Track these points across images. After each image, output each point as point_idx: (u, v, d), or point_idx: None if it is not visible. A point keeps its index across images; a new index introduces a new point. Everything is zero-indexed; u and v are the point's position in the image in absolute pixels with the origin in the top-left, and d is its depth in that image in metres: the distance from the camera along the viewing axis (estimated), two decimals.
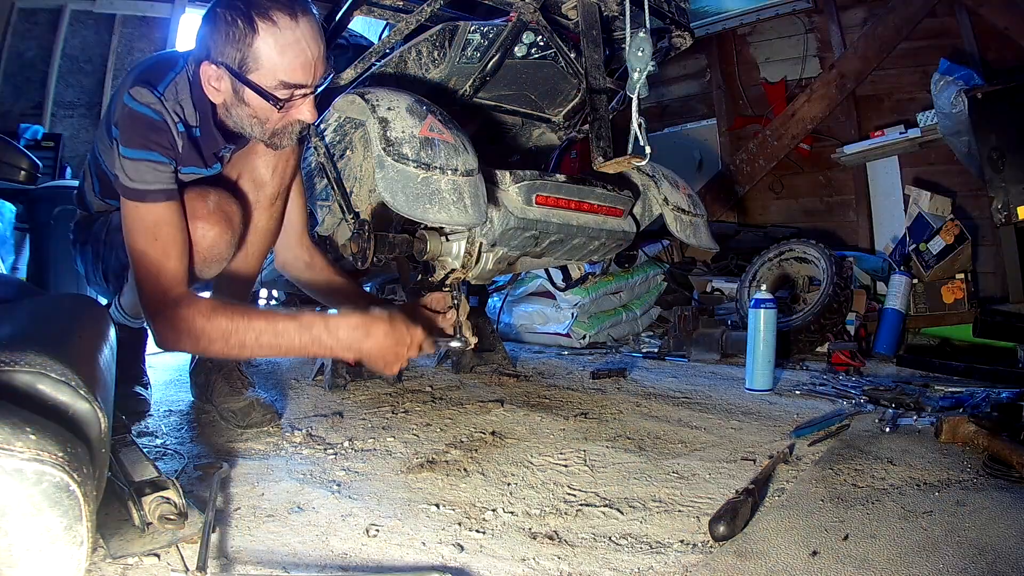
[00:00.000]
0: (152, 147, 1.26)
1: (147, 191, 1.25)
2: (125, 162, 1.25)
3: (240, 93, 1.27)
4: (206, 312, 1.23)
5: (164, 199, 1.27)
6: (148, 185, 1.25)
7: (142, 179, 1.25)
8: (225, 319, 1.23)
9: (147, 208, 1.26)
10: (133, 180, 1.25)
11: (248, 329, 1.24)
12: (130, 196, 1.26)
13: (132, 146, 1.25)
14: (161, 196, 1.27)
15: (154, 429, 1.59)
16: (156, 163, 1.26)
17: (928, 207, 3.23)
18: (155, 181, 1.26)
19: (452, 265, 1.71)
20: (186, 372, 1.91)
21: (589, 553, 1.00)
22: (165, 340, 1.26)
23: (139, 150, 1.25)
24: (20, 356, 0.83)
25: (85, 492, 0.74)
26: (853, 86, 3.77)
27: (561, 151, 2.30)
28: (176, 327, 1.23)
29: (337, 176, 1.72)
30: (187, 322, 1.22)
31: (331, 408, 1.77)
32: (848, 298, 2.71)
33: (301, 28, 1.22)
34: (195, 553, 0.91)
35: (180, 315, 1.22)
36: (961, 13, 3.40)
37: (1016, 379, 2.10)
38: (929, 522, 1.07)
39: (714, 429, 1.63)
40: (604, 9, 1.80)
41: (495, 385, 2.10)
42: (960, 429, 1.45)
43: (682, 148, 4.67)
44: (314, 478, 1.28)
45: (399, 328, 1.31)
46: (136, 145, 1.25)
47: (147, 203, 1.26)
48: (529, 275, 2.98)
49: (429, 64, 1.76)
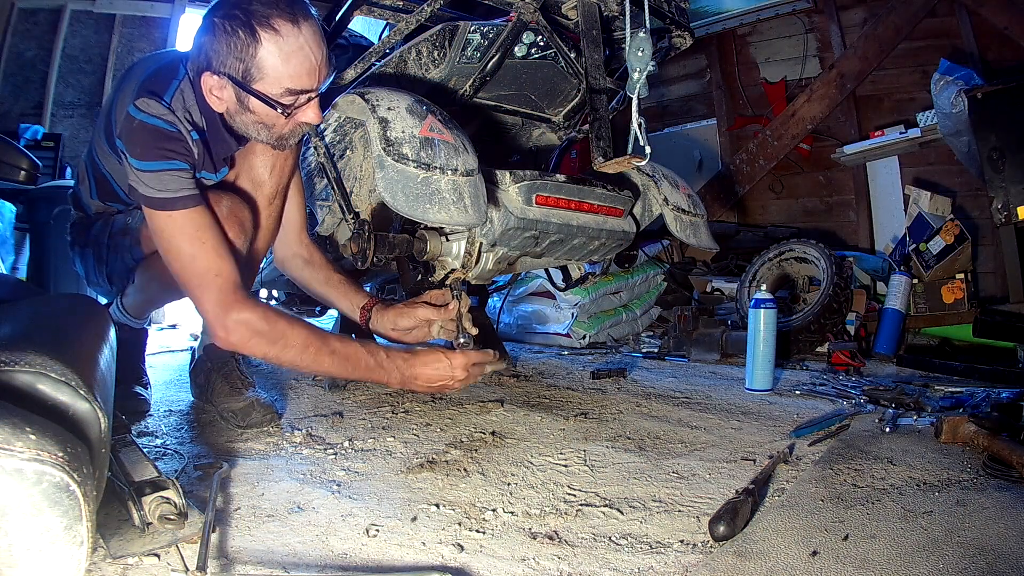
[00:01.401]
0: (170, 156, 1.25)
1: (176, 198, 1.24)
2: (144, 175, 1.23)
3: (245, 102, 1.26)
4: (287, 317, 1.26)
5: (194, 204, 1.26)
6: (175, 193, 1.24)
7: (167, 188, 1.24)
8: (306, 329, 1.28)
9: (183, 215, 1.25)
10: (157, 190, 1.23)
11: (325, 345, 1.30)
12: (158, 206, 1.24)
13: (148, 159, 1.23)
14: (191, 201, 1.26)
15: (154, 429, 1.59)
16: (177, 171, 1.25)
17: (928, 207, 3.23)
18: (180, 188, 1.25)
19: (452, 265, 1.72)
20: (186, 372, 1.91)
21: (589, 553, 1.00)
22: (235, 339, 1.26)
23: (158, 161, 1.24)
24: (20, 356, 0.83)
25: (85, 492, 0.74)
26: (853, 86, 3.77)
27: (561, 151, 2.30)
28: (251, 326, 1.24)
29: (337, 176, 1.72)
30: (266, 322, 1.24)
31: (331, 408, 1.78)
32: (848, 298, 2.71)
33: (304, 34, 1.21)
34: (195, 553, 0.91)
35: (256, 314, 1.24)
36: (961, 13, 3.40)
37: (1016, 379, 2.10)
38: (929, 522, 1.07)
39: (714, 429, 1.63)
40: (604, 9, 1.80)
41: (495, 385, 2.10)
42: (960, 429, 1.45)
43: (682, 148, 4.67)
44: (314, 478, 1.28)
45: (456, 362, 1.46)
46: (153, 157, 1.24)
47: (180, 210, 1.24)
48: (529, 275, 2.98)
49: (429, 64, 1.76)
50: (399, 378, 1.43)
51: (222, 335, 1.27)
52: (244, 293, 1.28)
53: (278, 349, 1.28)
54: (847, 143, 3.83)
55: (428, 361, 1.45)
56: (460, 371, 1.47)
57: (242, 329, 1.25)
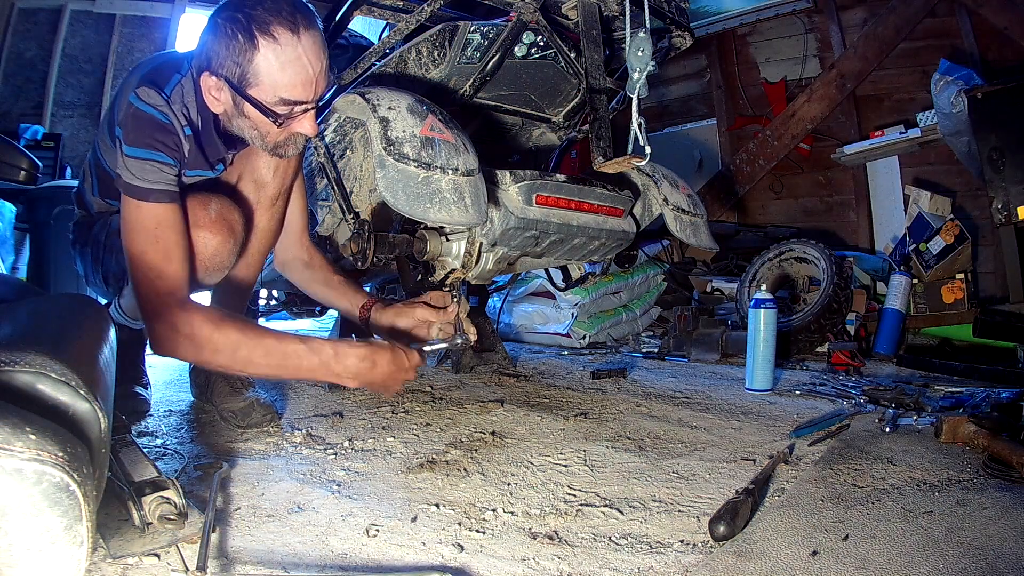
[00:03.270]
0: (157, 147, 1.25)
1: (150, 190, 1.24)
2: (128, 160, 1.24)
3: (240, 106, 1.25)
4: (214, 320, 1.21)
5: (167, 200, 1.26)
6: (151, 184, 1.24)
7: (145, 177, 1.24)
8: (235, 331, 1.22)
9: (149, 208, 1.24)
10: (136, 177, 1.23)
11: (258, 345, 1.23)
12: (132, 194, 1.24)
13: (137, 145, 1.24)
14: (164, 197, 1.25)
15: (154, 429, 1.59)
16: (160, 163, 1.25)
17: (928, 207, 3.23)
18: (158, 181, 1.25)
19: (452, 265, 1.72)
20: (186, 372, 1.91)
21: (589, 553, 1.00)
22: (163, 345, 1.23)
23: (144, 149, 1.24)
24: (20, 356, 0.82)
25: (85, 492, 0.74)
26: (853, 86, 3.77)
27: (561, 151, 2.30)
28: (178, 332, 1.20)
29: (337, 176, 1.72)
30: (191, 328, 1.20)
31: (331, 408, 1.78)
32: (848, 298, 2.71)
33: (303, 44, 1.20)
34: (195, 553, 0.91)
35: (183, 320, 1.20)
36: (961, 13, 3.40)
37: (1016, 379, 2.10)
38: (929, 522, 1.07)
39: (714, 429, 1.63)
40: (604, 9, 1.80)
41: (495, 385, 2.10)
42: (960, 429, 1.45)
43: (682, 148, 4.68)
44: (314, 478, 1.28)
45: (400, 357, 1.33)
46: (141, 144, 1.24)
47: (149, 203, 1.24)
48: (529, 275, 2.98)
49: (429, 64, 1.76)
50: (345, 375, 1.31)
51: (152, 338, 1.24)
52: (181, 298, 1.24)
53: (207, 355, 1.23)
54: (847, 143, 3.83)
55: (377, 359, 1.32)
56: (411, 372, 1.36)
57: (168, 336, 1.21)
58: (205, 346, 1.21)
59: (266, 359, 1.24)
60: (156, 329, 1.23)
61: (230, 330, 1.21)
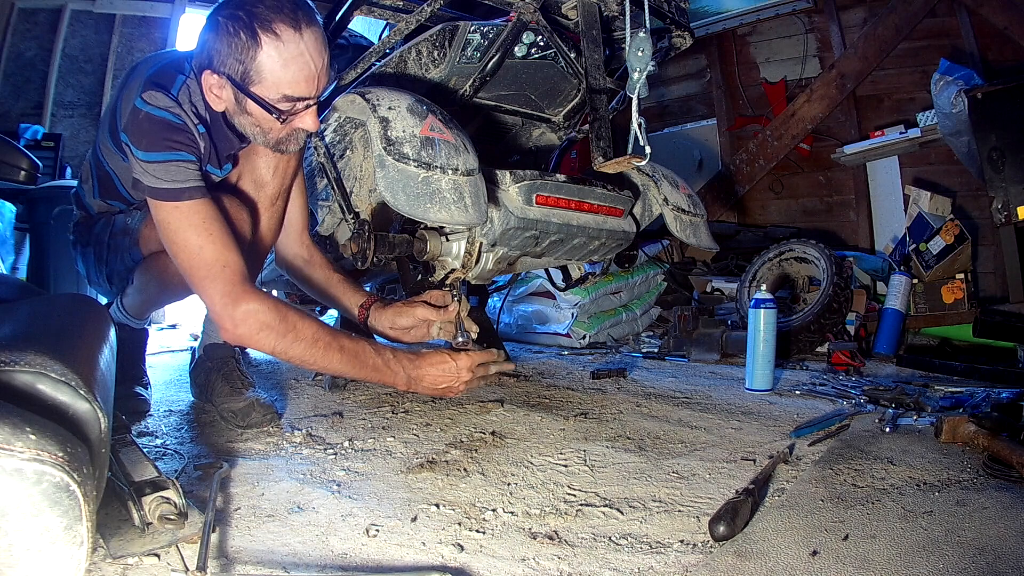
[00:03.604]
0: (176, 147, 1.24)
1: (182, 189, 1.23)
2: (149, 166, 1.23)
3: (242, 103, 1.26)
4: (297, 311, 1.25)
5: (201, 195, 1.25)
6: (181, 184, 1.24)
7: (173, 179, 1.23)
8: (316, 323, 1.26)
9: (190, 206, 1.24)
10: (164, 180, 1.23)
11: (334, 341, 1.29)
12: (162, 197, 1.23)
13: (154, 149, 1.23)
14: (197, 192, 1.25)
15: (154, 429, 1.59)
16: (183, 162, 1.25)
17: (928, 207, 3.23)
18: (187, 179, 1.24)
19: (452, 265, 1.72)
20: (186, 372, 1.91)
21: (589, 553, 1.00)
22: (243, 331, 1.24)
23: (164, 152, 1.23)
24: (20, 356, 0.83)
25: (85, 492, 0.74)
26: (853, 86, 3.77)
27: (561, 151, 2.30)
28: (259, 318, 1.22)
29: (337, 176, 1.72)
30: (275, 315, 1.22)
31: (331, 408, 1.78)
32: (848, 298, 2.71)
33: (305, 40, 1.20)
34: (195, 553, 0.91)
35: (265, 306, 1.23)
36: (961, 13, 3.40)
37: (1016, 379, 2.10)
38: (929, 522, 1.07)
39: (714, 429, 1.63)
40: (604, 9, 1.80)
41: (495, 385, 2.10)
42: (960, 429, 1.45)
43: (682, 148, 4.67)
44: (314, 478, 1.28)
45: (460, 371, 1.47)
46: (159, 148, 1.23)
47: (187, 200, 1.24)
48: (529, 275, 2.98)
49: (429, 64, 1.76)
50: (405, 379, 1.42)
51: (230, 327, 1.25)
52: (252, 285, 1.27)
53: (287, 343, 1.26)
54: (847, 143, 3.83)
55: (434, 362, 1.45)
56: (465, 372, 1.47)
57: (251, 321, 1.23)
58: (287, 334, 1.25)
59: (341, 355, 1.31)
60: (236, 316, 1.23)
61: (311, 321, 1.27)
